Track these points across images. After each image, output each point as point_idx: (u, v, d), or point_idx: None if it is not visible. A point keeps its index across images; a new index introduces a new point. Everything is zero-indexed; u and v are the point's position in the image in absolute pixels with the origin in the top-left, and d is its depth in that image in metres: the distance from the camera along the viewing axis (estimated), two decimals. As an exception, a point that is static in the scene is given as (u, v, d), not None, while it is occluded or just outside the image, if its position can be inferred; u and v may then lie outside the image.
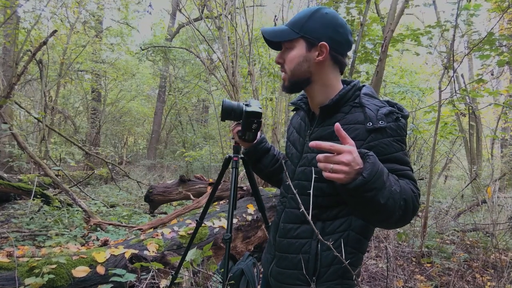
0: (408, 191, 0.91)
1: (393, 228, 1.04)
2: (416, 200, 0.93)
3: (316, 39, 1.03)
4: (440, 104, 3.67)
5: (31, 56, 4.86)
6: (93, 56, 12.18)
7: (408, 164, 1.00)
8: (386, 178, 0.86)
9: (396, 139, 0.98)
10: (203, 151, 9.63)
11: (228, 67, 5.55)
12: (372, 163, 0.83)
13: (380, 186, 0.83)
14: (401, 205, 0.88)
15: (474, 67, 11.10)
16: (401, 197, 0.88)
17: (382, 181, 0.84)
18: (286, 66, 1.09)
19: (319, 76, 1.08)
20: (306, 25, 1.04)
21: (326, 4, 4.23)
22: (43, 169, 4.47)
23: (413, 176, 0.99)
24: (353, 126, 1.00)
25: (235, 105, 1.29)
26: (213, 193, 1.64)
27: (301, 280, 1.06)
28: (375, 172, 0.82)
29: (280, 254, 1.13)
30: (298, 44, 1.05)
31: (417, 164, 7.48)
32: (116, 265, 2.19)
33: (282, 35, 1.06)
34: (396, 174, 0.95)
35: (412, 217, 0.94)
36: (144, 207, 5.57)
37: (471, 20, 4.05)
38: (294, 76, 1.08)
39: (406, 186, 0.93)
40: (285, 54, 1.09)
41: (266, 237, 3.26)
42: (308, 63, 1.05)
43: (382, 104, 1.02)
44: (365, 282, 2.97)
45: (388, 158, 0.97)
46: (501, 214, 4.41)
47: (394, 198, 0.86)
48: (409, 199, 0.90)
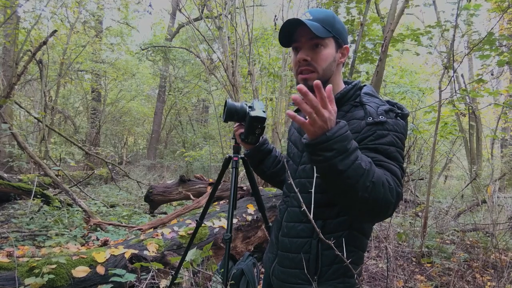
0: (381, 178, 0.88)
1: (367, 220, 1.03)
2: (390, 192, 0.89)
3: (343, 41, 1.09)
4: (440, 104, 3.67)
5: (31, 56, 4.86)
6: (93, 56, 12.18)
7: (397, 161, 0.97)
8: (351, 148, 0.85)
9: (394, 134, 0.98)
10: (203, 151, 9.64)
11: (228, 67, 5.55)
12: (339, 126, 0.84)
13: (340, 149, 0.83)
14: (366, 186, 0.85)
15: (474, 67, 11.11)
16: (367, 177, 0.85)
17: (343, 146, 0.84)
18: (316, 64, 1.05)
19: (335, 77, 1.11)
20: (335, 25, 1.06)
21: (326, 4, 4.24)
22: (43, 169, 4.47)
23: (397, 172, 0.95)
24: (352, 121, 1.02)
25: (238, 106, 1.27)
26: (213, 193, 1.64)
27: (303, 279, 1.06)
28: (339, 135, 0.83)
29: (282, 253, 1.14)
30: (330, 43, 1.06)
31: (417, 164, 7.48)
32: (116, 265, 2.19)
33: (321, 31, 1.02)
34: (376, 164, 0.93)
35: (386, 211, 0.90)
36: (144, 207, 5.57)
37: (471, 20, 4.05)
38: (324, 75, 1.06)
39: (381, 174, 0.90)
40: (314, 51, 1.05)
41: (266, 237, 3.26)
42: (335, 63, 1.08)
43: (382, 102, 1.04)
44: (365, 282, 2.97)
45: (376, 148, 0.96)
46: (501, 214, 4.41)
47: (356, 171, 0.84)
48: (379, 186, 0.87)
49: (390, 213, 0.93)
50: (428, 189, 3.68)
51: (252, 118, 1.22)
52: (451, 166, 10.85)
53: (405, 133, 1.02)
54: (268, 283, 1.23)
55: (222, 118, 1.29)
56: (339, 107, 1.07)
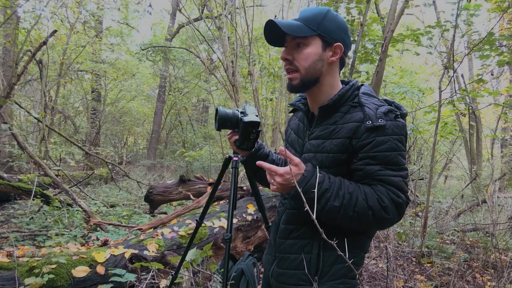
0: (367, 203, 0.95)
1: (369, 229, 1.10)
2: (384, 211, 0.95)
3: (333, 40, 1.05)
4: (440, 104, 3.67)
5: (31, 56, 4.87)
6: (93, 56, 12.18)
7: (400, 166, 0.99)
8: (319, 194, 0.95)
9: (394, 138, 0.97)
10: (203, 151, 9.63)
11: (228, 67, 5.55)
12: (300, 181, 0.96)
13: (308, 199, 0.94)
14: (350, 217, 0.96)
15: (474, 67, 11.10)
16: (347, 210, 0.95)
17: (308, 197, 0.94)
18: (297, 63, 1.05)
19: (327, 77, 1.08)
20: (322, 24, 1.03)
21: (326, 4, 4.23)
22: (43, 169, 4.47)
23: (396, 182, 0.97)
24: (350, 124, 1.01)
25: (230, 113, 1.23)
26: (213, 193, 1.64)
27: (304, 280, 1.06)
28: (304, 188, 0.96)
29: (281, 255, 1.13)
30: (314, 41, 1.04)
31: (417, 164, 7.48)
32: (116, 265, 2.19)
33: (299, 30, 1.02)
34: (372, 177, 0.98)
35: (383, 225, 1.00)
36: (144, 207, 5.57)
37: (471, 20, 4.05)
38: (308, 74, 1.05)
39: (370, 196, 0.96)
40: (296, 50, 1.05)
41: (266, 237, 3.26)
42: (322, 62, 1.05)
43: (381, 102, 1.03)
44: (365, 282, 2.97)
45: (376, 156, 0.97)
46: (501, 214, 4.41)
47: (330, 211, 0.96)
48: (363, 212, 0.95)
49: (389, 224, 1.01)
50: (428, 189, 3.68)
51: (246, 123, 1.19)
52: (451, 166, 10.85)
53: (405, 134, 1.02)
54: (267, 284, 1.23)
55: (215, 127, 1.26)
56: (337, 109, 1.07)
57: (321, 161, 1.04)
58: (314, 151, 1.07)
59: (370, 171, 0.98)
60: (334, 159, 1.03)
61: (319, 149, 1.06)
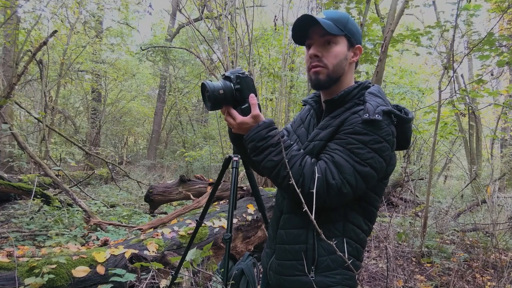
0: (298, 168, 0.99)
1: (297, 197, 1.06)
2: (312, 181, 0.97)
3: (356, 41, 1.12)
4: (440, 104, 3.67)
5: (31, 56, 4.87)
6: (93, 56, 12.19)
7: (362, 159, 0.98)
8: (263, 146, 1.02)
9: (377, 137, 0.98)
10: (203, 151, 9.63)
11: (228, 67, 5.55)
12: (252, 129, 1.04)
13: (252, 148, 1.04)
14: (284, 176, 1.00)
15: (474, 67, 11.11)
16: (280, 169, 1.00)
17: (254, 145, 1.03)
18: (326, 61, 1.08)
19: (347, 76, 1.13)
20: (347, 25, 1.09)
21: (326, 4, 4.24)
22: (43, 169, 4.47)
23: (343, 166, 0.97)
24: (351, 116, 1.04)
25: (221, 86, 1.03)
26: (213, 193, 1.64)
27: (300, 270, 1.07)
28: (251, 136, 1.04)
29: (280, 246, 1.14)
30: (342, 41, 1.09)
31: (417, 164, 7.49)
32: (116, 265, 2.20)
33: (332, 28, 1.06)
34: (325, 152, 1.03)
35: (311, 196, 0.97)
36: (144, 207, 5.57)
37: (471, 20, 4.05)
38: (335, 72, 1.09)
39: (307, 165, 1.00)
40: (325, 48, 1.08)
41: (266, 237, 3.26)
42: (346, 61, 1.10)
43: (384, 103, 1.05)
44: (365, 282, 2.97)
45: (345, 140, 1.00)
46: (501, 214, 4.41)
47: (268, 164, 1.02)
48: (296, 173, 0.99)
49: (318, 202, 0.97)
50: (428, 189, 3.68)
51: (241, 78, 1.06)
52: (451, 166, 10.86)
53: (390, 142, 1.01)
54: (266, 283, 1.23)
55: (207, 107, 1.05)
56: (342, 104, 1.10)
57: (312, 149, 1.08)
58: (310, 140, 1.11)
59: (329, 147, 1.03)
60: (322, 147, 1.06)
61: (315, 138, 1.10)
